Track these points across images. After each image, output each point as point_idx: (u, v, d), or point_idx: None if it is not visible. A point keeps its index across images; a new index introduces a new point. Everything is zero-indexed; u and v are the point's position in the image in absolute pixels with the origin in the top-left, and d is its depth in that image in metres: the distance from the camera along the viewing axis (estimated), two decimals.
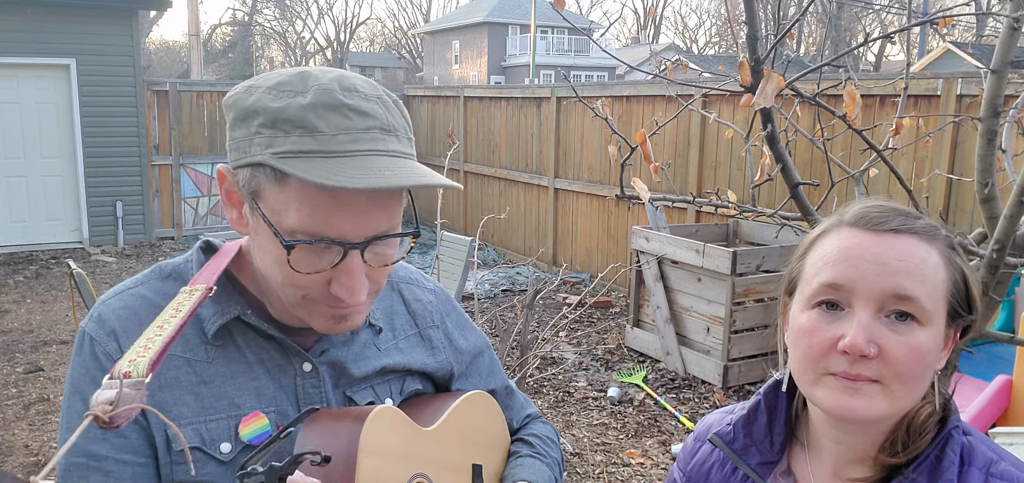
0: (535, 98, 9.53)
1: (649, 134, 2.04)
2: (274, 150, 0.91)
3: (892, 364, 0.90)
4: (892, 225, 0.94)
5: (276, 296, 1.04)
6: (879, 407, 0.92)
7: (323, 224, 0.92)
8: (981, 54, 18.71)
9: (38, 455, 4.55)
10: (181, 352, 1.04)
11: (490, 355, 1.37)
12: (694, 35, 55.73)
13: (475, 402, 1.27)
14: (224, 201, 1.03)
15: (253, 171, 0.94)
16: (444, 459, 1.16)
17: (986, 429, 3.63)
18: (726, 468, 1.11)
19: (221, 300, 1.06)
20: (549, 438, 1.38)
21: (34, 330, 6.90)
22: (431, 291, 1.30)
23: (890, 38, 2.03)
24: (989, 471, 0.94)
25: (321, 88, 0.93)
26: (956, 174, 5.06)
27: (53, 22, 9.73)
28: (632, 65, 2.17)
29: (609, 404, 5.33)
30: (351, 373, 1.14)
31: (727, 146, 6.89)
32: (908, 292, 0.90)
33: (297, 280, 0.96)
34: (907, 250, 0.92)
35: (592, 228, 8.72)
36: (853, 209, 0.98)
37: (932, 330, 0.92)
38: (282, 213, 0.93)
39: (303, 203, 0.92)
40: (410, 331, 1.24)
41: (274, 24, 45.89)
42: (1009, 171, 2.10)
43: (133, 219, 10.59)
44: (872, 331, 0.90)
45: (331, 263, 0.95)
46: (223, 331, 1.06)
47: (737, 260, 5.32)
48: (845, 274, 0.93)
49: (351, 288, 0.96)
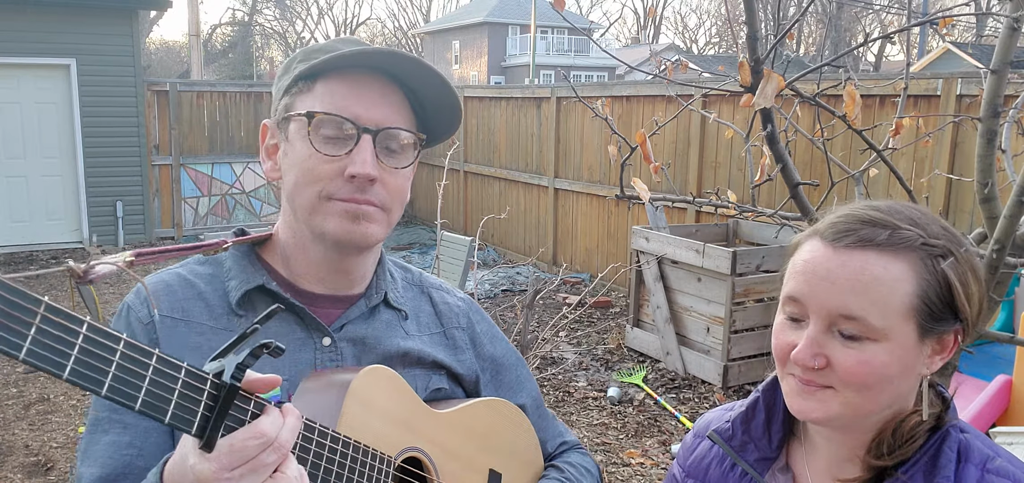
0: (535, 98, 9.52)
1: (649, 134, 2.04)
2: (307, 64, 1.11)
3: (840, 374, 0.93)
4: (850, 240, 0.94)
5: (299, 235, 1.13)
6: (833, 410, 0.95)
7: (341, 107, 1.08)
8: (981, 54, 18.70)
9: (38, 455, 4.55)
10: (206, 320, 1.11)
11: (523, 371, 1.38)
12: (694, 35, 55.74)
13: (499, 408, 1.26)
14: (263, 156, 1.19)
15: (289, 96, 1.13)
16: (453, 448, 1.16)
17: (986, 429, 3.63)
18: (725, 464, 1.12)
19: (246, 269, 1.14)
20: (585, 468, 1.36)
21: None
22: (460, 298, 1.35)
23: (890, 38, 2.03)
24: (985, 468, 0.95)
25: (346, 37, 1.18)
26: (956, 174, 5.06)
27: (53, 22, 9.73)
28: (632, 65, 2.17)
29: (609, 404, 5.33)
30: (373, 348, 1.17)
31: (727, 146, 6.89)
32: (853, 312, 0.92)
33: (317, 172, 1.08)
34: (859, 267, 0.93)
35: (592, 228, 8.72)
36: (828, 217, 0.99)
37: (889, 345, 0.92)
38: (309, 108, 1.09)
39: (325, 94, 1.10)
40: (435, 329, 1.27)
41: (274, 24, 45.88)
42: (1009, 171, 2.10)
43: (133, 219, 10.59)
44: (820, 345, 0.94)
45: (347, 147, 1.08)
46: (246, 301, 1.12)
47: (737, 260, 5.32)
48: (800, 289, 0.96)
49: (363, 162, 1.07)
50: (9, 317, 0.68)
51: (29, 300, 0.69)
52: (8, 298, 0.68)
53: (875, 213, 0.96)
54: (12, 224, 10.10)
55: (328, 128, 1.08)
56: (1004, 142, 2.13)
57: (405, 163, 1.13)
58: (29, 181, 10.13)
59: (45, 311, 0.70)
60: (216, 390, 0.82)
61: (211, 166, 11.23)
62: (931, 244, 0.94)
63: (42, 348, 0.70)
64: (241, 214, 11.58)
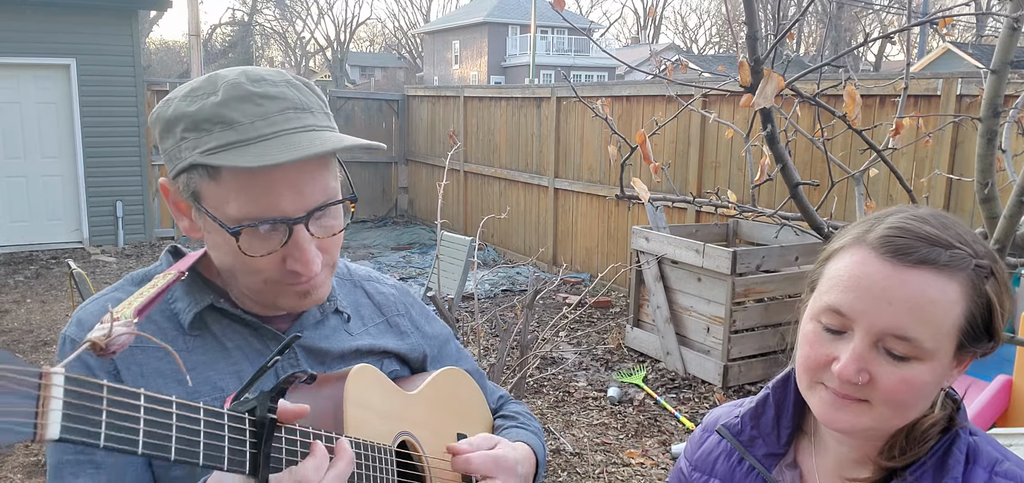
0: (535, 98, 9.52)
1: (649, 134, 2.04)
2: (201, 149, 0.97)
3: (882, 391, 0.91)
4: (912, 259, 0.89)
5: (241, 290, 1.09)
6: (864, 423, 0.94)
7: (263, 207, 0.98)
8: (981, 54, 18.70)
9: (38, 455, 4.55)
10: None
11: (456, 344, 1.45)
12: (694, 35, 55.74)
13: (454, 375, 1.33)
14: (173, 212, 1.08)
15: (188, 175, 1.00)
16: (429, 422, 1.22)
17: (986, 429, 3.62)
18: (732, 459, 1.13)
19: (193, 292, 1.10)
20: (527, 413, 1.45)
21: (34, 330, 6.90)
22: (392, 286, 1.37)
23: (890, 38, 2.03)
24: (994, 470, 0.95)
25: (229, 84, 0.99)
26: (956, 174, 5.06)
27: (53, 22, 9.73)
28: (632, 65, 2.17)
29: (609, 404, 5.32)
30: (328, 352, 1.18)
31: (727, 146, 6.89)
32: (908, 334, 0.89)
33: (254, 265, 1.02)
34: (919, 289, 0.89)
35: (592, 228, 8.72)
36: (879, 227, 0.94)
37: (933, 364, 0.91)
38: (223, 205, 0.99)
39: (239, 191, 0.97)
40: (378, 319, 1.29)
41: (274, 24, 45.90)
42: (1009, 171, 2.10)
43: (133, 219, 10.59)
44: (865, 360, 0.91)
45: (280, 242, 1.00)
46: (198, 321, 1.09)
47: (737, 260, 5.32)
48: (850, 303, 0.92)
49: (305, 261, 1.02)
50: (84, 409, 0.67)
51: (94, 387, 0.68)
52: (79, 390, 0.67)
53: (930, 229, 0.92)
54: (12, 224, 10.09)
55: (254, 234, 0.99)
56: (1004, 142, 2.13)
57: (340, 227, 1.06)
58: (29, 181, 10.12)
59: (108, 393, 0.69)
60: (256, 427, 0.85)
61: None
62: (981, 265, 0.92)
63: (116, 430, 0.69)
64: None
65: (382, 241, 11.21)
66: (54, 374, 0.66)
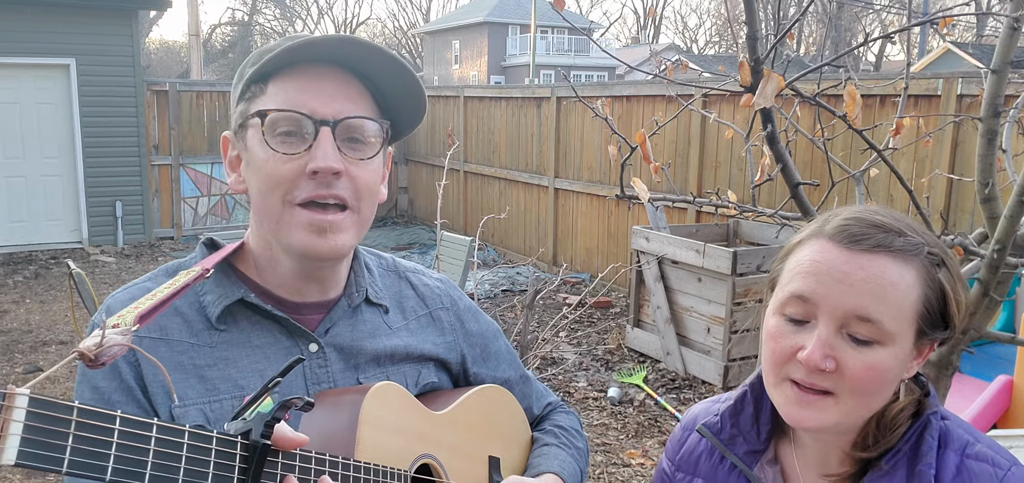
0: (535, 98, 9.52)
1: (649, 134, 2.04)
2: (255, 67, 1.06)
3: (848, 379, 0.93)
4: (867, 244, 0.94)
5: (268, 247, 1.09)
6: (830, 418, 0.95)
7: (296, 102, 1.04)
8: (981, 54, 18.71)
9: None
10: (186, 338, 1.07)
11: (505, 342, 1.39)
12: (694, 35, 55.74)
13: (489, 394, 1.28)
14: (226, 168, 1.14)
15: (244, 100, 1.08)
16: (456, 445, 1.17)
17: (986, 430, 3.62)
18: (714, 457, 1.13)
19: (223, 284, 1.10)
20: (574, 429, 1.38)
21: (33, 330, 6.90)
22: (438, 279, 1.34)
23: (890, 38, 2.02)
24: (965, 453, 0.97)
25: (298, 34, 1.11)
26: (956, 174, 5.05)
27: (53, 22, 9.73)
28: (632, 65, 2.16)
29: (609, 404, 5.32)
30: (360, 351, 1.15)
31: (727, 146, 6.89)
32: (870, 315, 0.91)
33: (279, 171, 1.03)
34: (877, 271, 0.92)
35: (592, 228, 8.72)
36: (835, 220, 0.98)
37: (894, 349, 0.93)
38: (264, 110, 1.05)
39: (278, 93, 1.05)
40: (421, 311, 1.26)
41: (274, 24, 45.87)
42: (1009, 171, 2.10)
43: (133, 219, 10.59)
44: (831, 346, 0.93)
45: (306, 144, 1.03)
46: (227, 315, 1.09)
47: (737, 260, 5.32)
48: (812, 288, 0.95)
49: (325, 154, 1.02)
50: (47, 433, 0.66)
51: (62, 409, 0.68)
52: (44, 413, 0.66)
53: (883, 218, 0.96)
54: (11, 224, 10.09)
55: (284, 125, 1.03)
56: (1005, 142, 2.13)
57: (370, 154, 1.08)
58: (28, 181, 10.12)
59: (78, 416, 0.69)
60: (248, 451, 0.83)
61: (211, 166, 11.22)
62: (933, 253, 0.96)
63: (81, 456, 0.69)
64: (241, 214, 11.58)
65: (382, 241, 11.22)
66: (18, 395, 0.65)
